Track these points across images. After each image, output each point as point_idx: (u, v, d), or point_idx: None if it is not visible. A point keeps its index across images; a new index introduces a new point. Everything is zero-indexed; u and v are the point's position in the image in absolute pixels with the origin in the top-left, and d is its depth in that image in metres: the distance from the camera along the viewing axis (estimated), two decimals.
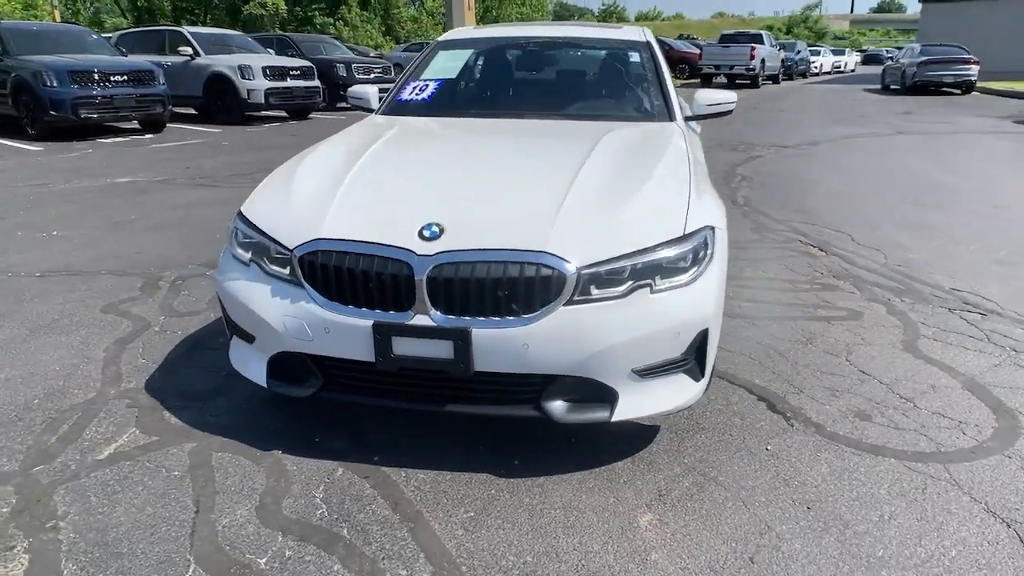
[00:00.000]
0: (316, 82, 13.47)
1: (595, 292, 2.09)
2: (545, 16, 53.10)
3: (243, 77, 12.17)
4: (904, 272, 4.31)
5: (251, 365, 2.42)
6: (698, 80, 25.88)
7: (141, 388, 2.83)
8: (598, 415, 2.14)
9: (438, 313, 2.08)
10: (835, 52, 37.38)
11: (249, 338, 2.40)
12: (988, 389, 2.83)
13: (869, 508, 2.11)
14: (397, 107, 3.57)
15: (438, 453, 2.38)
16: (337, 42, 18.66)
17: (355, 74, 15.08)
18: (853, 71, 39.82)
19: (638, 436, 2.48)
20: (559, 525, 2.04)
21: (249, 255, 2.39)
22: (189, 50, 12.61)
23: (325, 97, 13.84)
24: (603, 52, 3.84)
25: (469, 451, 2.40)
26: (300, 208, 2.39)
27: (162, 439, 2.47)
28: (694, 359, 2.22)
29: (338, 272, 2.15)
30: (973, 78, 19.90)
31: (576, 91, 3.68)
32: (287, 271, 2.27)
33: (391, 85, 3.88)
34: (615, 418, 2.14)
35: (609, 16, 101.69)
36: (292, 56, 14.26)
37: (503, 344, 2.06)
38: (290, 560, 1.89)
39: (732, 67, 22.58)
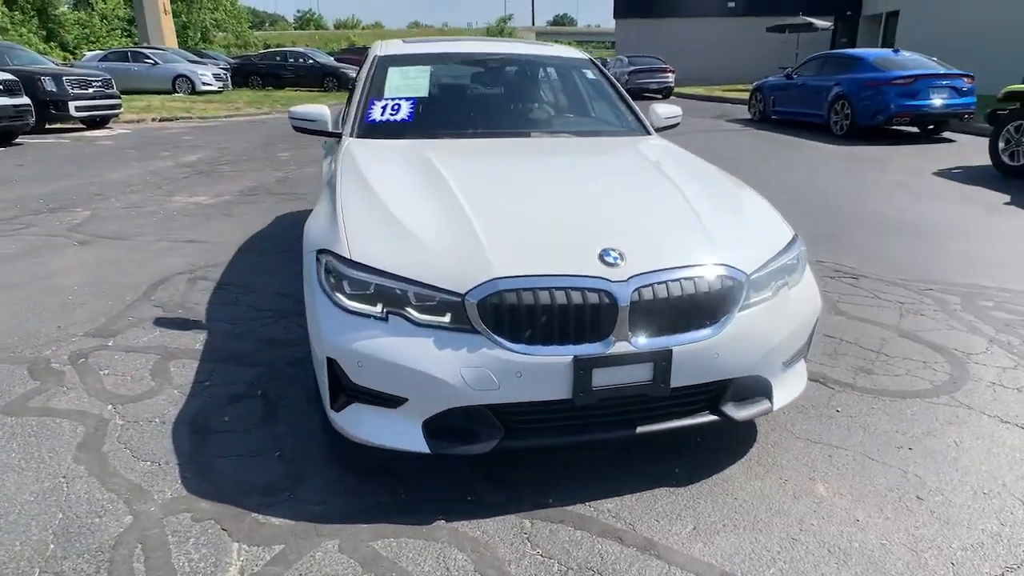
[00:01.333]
0: (25, 99, 11.06)
1: (753, 297, 2.26)
2: (243, 22, 49.81)
3: None
4: None
5: (397, 432, 2.11)
6: None
7: (191, 496, 2.24)
8: (763, 407, 2.32)
9: (639, 338, 2.07)
10: None
11: (394, 402, 2.09)
12: None
13: (935, 437, 2.63)
14: (372, 129, 3.27)
15: (595, 480, 2.34)
16: (26, 49, 15.37)
17: (69, 88, 12.66)
18: None
19: (738, 430, 2.67)
20: (764, 512, 2.19)
21: (380, 307, 2.08)
22: None
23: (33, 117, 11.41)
24: (558, 69, 3.94)
25: (619, 471, 2.39)
26: (440, 248, 2.14)
27: (289, 545, 2.02)
28: (807, 345, 2.52)
29: (530, 311, 2.01)
30: (672, 84, 23.74)
31: (556, 108, 3.74)
32: (447, 318, 2.04)
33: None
34: (775, 407, 2.35)
35: (307, 24, 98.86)
36: None
37: (698, 357, 2.13)
38: None
39: None
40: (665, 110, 3.73)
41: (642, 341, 2.07)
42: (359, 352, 2.06)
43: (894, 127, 11.24)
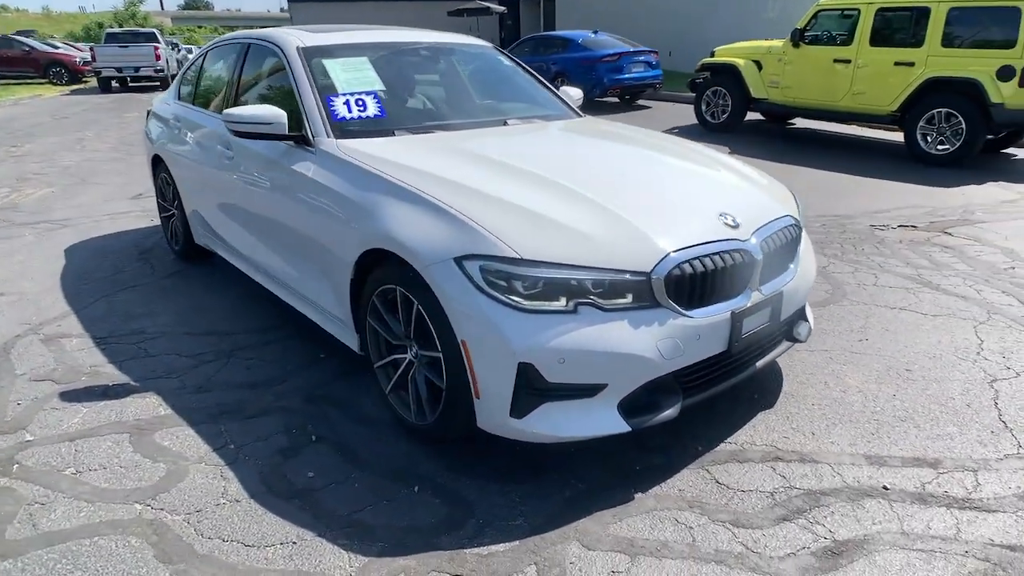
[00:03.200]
0: None
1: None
2: None
3: None
4: None
5: (595, 420, 2.12)
6: (84, 85, 22.73)
7: (387, 559, 1.95)
8: (810, 327, 2.81)
9: (764, 286, 2.39)
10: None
11: (593, 391, 2.10)
12: None
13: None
14: (347, 128, 2.93)
15: (710, 426, 2.62)
16: None
17: None
18: None
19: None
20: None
21: (565, 301, 2.06)
22: None
23: None
24: (484, 58, 3.87)
25: (721, 416, 2.70)
26: (594, 233, 2.15)
27: (541, 557, 1.93)
28: None
29: (699, 278, 2.18)
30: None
31: (507, 97, 3.70)
32: (628, 299, 2.11)
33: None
34: (812, 328, 2.86)
35: None
36: None
37: (791, 294, 2.53)
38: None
39: (138, 68, 20.67)
40: (575, 92, 4.01)
41: (766, 288, 2.40)
42: (560, 349, 2.02)
43: (604, 98, 13.03)
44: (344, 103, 3.03)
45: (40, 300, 3.96)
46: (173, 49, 24.73)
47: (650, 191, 2.50)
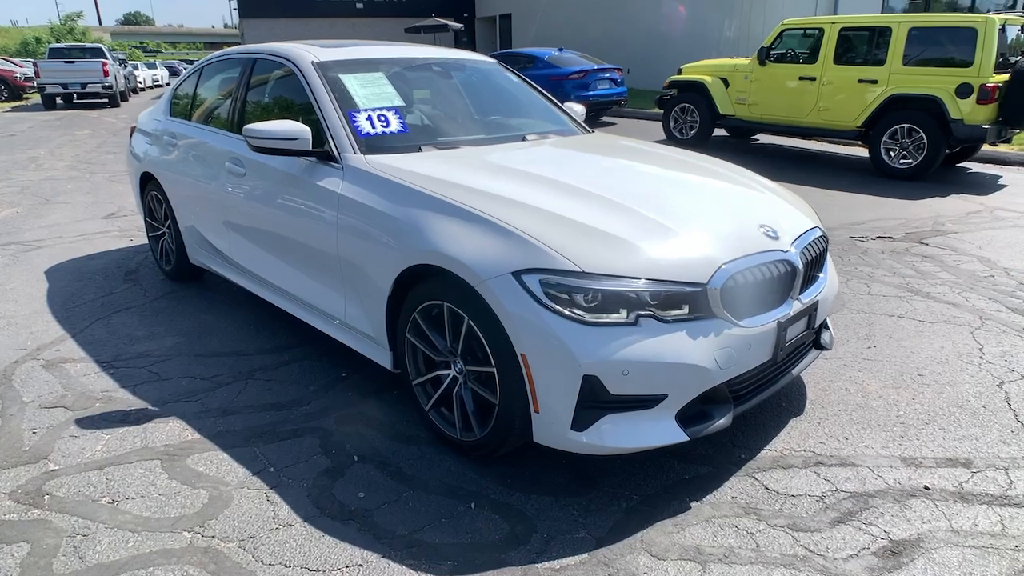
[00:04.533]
0: None
1: None
2: None
3: None
4: None
5: (654, 430, 2.15)
6: (26, 102, 21.95)
7: None
8: (831, 333, 2.91)
9: (802, 295, 2.47)
10: (148, 66, 36.58)
11: (653, 402, 2.13)
12: None
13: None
14: (374, 144, 2.92)
15: (750, 434, 2.68)
16: None
17: None
18: (168, 83, 39.80)
19: None
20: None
21: (625, 313, 2.09)
22: None
23: None
24: (492, 74, 3.89)
25: (758, 426, 2.77)
26: (645, 245, 2.19)
27: (613, 568, 1.94)
28: None
29: (749, 288, 2.25)
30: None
31: (515, 111, 3.71)
32: (685, 310, 2.16)
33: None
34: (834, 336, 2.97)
35: None
36: None
37: (823, 303, 2.63)
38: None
39: (85, 85, 20.00)
40: (579, 108, 4.08)
41: (804, 297, 2.48)
42: (624, 361, 2.04)
43: None
44: (367, 119, 3.02)
45: (31, 324, 3.79)
46: (121, 65, 24.03)
47: (691, 204, 2.55)
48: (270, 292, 3.46)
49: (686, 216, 2.42)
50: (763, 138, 10.86)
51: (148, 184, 4.50)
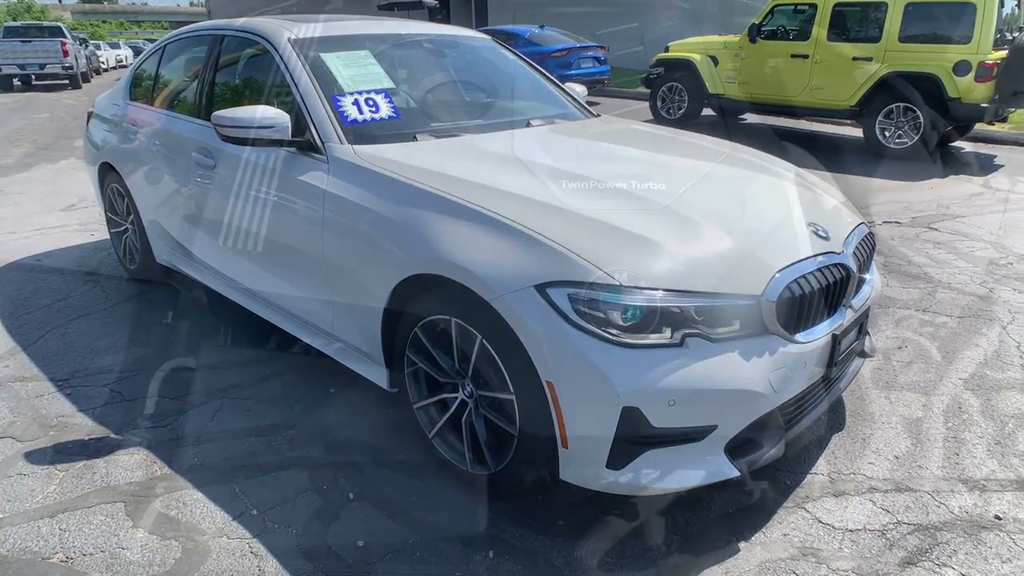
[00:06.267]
0: None
1: None
2: None
3: None
4: None
5: (701, 466, 1.87)
6: None
7: None
8: (871, 341, 2.65)
9: (854, 300, 2.19)
10: (112, 46, 35.17)
11: (701, 434, 1.84)
12: None
13: None
14: (362, 132, 2.57)
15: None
16: None
17: None
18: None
19: None
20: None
21: (670, 332, 1.79)
22: None
23: None
24: (486, 50, 3.52)
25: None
26: (688, 251, 1.89)
27: None
28: None
29: (806, 298, 1.96)
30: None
31: (515, 93, 3.35)
32: (736, 326, 1.86)
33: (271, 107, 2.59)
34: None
35: None
36: None
37: (870, 307, 2.35)
38: None
39: (43, 66, 19.05)
40: (580, 88, 3.75)
41: (856, 303, 2.20)
42: (671, 389, 1.75)
43: None
44: (353, 103, 2.66)
45: None
46: (82, 45, 22.97)
47: (731, 201, 2.26)
48: (246, 298, 3.11)
49: (730, 216, 2.12)
50: (752, 118, 10.59)
51: (108, 175, 4.08)
